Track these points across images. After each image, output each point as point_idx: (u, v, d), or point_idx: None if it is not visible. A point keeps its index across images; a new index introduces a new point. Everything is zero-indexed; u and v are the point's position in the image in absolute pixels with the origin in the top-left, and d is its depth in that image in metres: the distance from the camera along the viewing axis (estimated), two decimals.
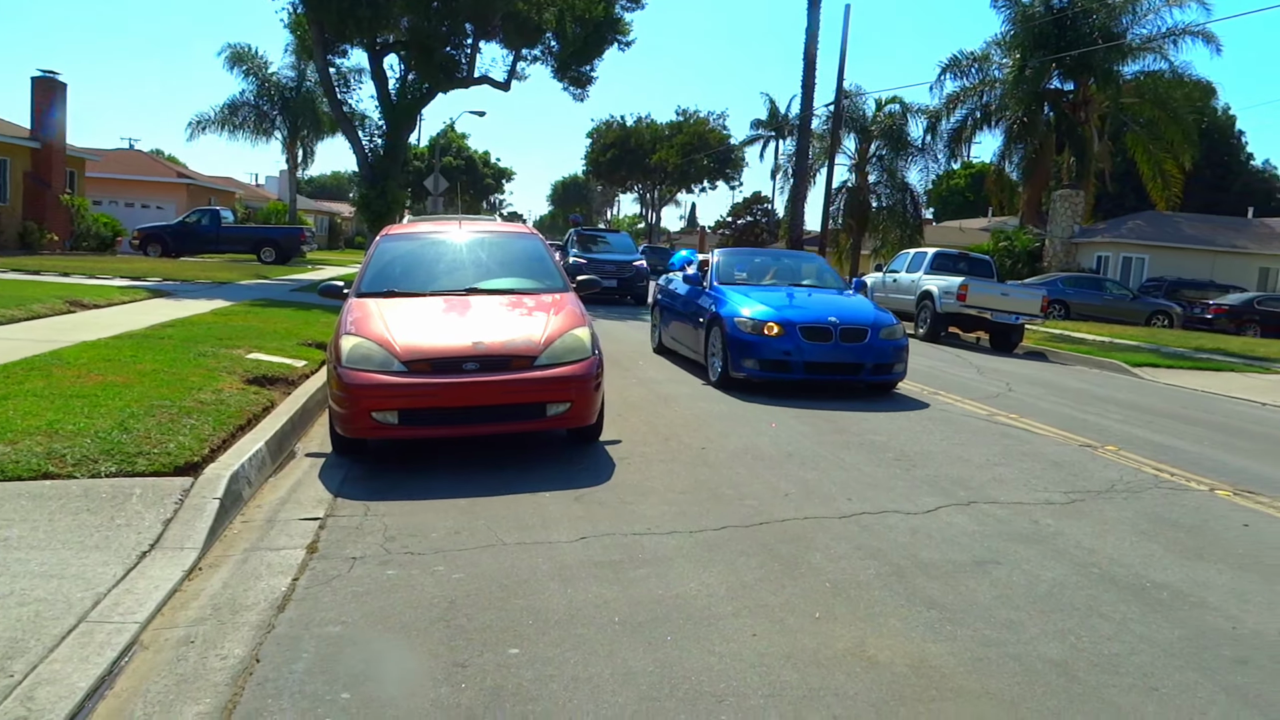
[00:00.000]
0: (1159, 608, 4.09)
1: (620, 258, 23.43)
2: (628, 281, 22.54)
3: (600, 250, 23.94)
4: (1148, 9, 31.58)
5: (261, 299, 16.02)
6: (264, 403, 7.15)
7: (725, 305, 9.90)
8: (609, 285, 21.15)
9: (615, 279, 21.78)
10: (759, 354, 9.27)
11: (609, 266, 22.08)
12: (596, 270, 20.55)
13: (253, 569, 4.21)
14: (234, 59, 43.05)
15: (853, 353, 9.44)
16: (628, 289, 22.59)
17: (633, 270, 22.75)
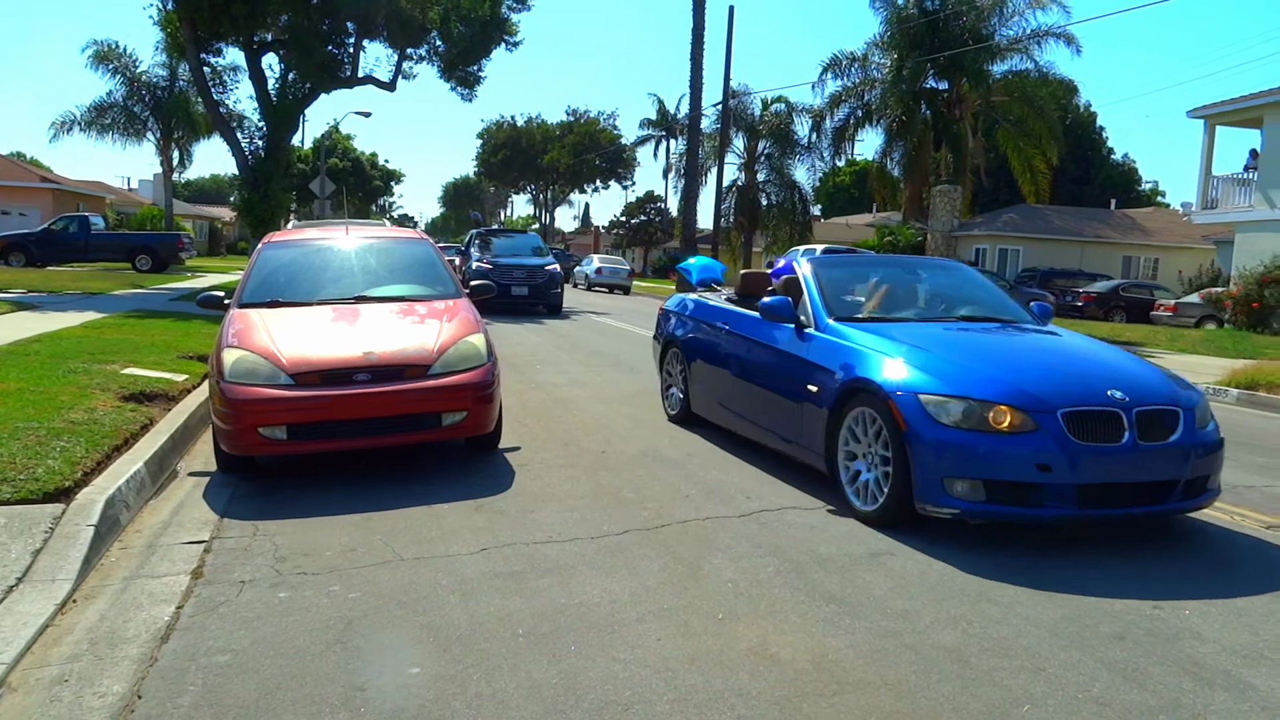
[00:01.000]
0: (1043, 589, 4.26)
1: (531, 261, 20.99)
2: (540, 289, 20.36)
3: (507, 253, 21.40)
4: (1013, 11, 33.05)
5: (138, 310, 15.26)
6: (142, 420, 6.80)
7: (874, 365, 5.39)
8: (519, 294, 19.68)
9: (526, 286, 19.93)
10: (985, 469, 4.79)
11: (518, 272, 20.08)
12: (504, 277, 19.18)
13: (132, 599, 3.99)
14: (100, 57, 40.96)
15: (1159, 460, 4.93)
16: (540, 297, 20.41)
17: (545, 276, 20.51)
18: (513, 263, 20.52)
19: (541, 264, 20.99)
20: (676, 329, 8.30)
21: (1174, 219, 41.36)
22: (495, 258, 20.64)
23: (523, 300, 19.91)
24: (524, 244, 22.83)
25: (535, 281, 20.25)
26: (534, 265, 20.73)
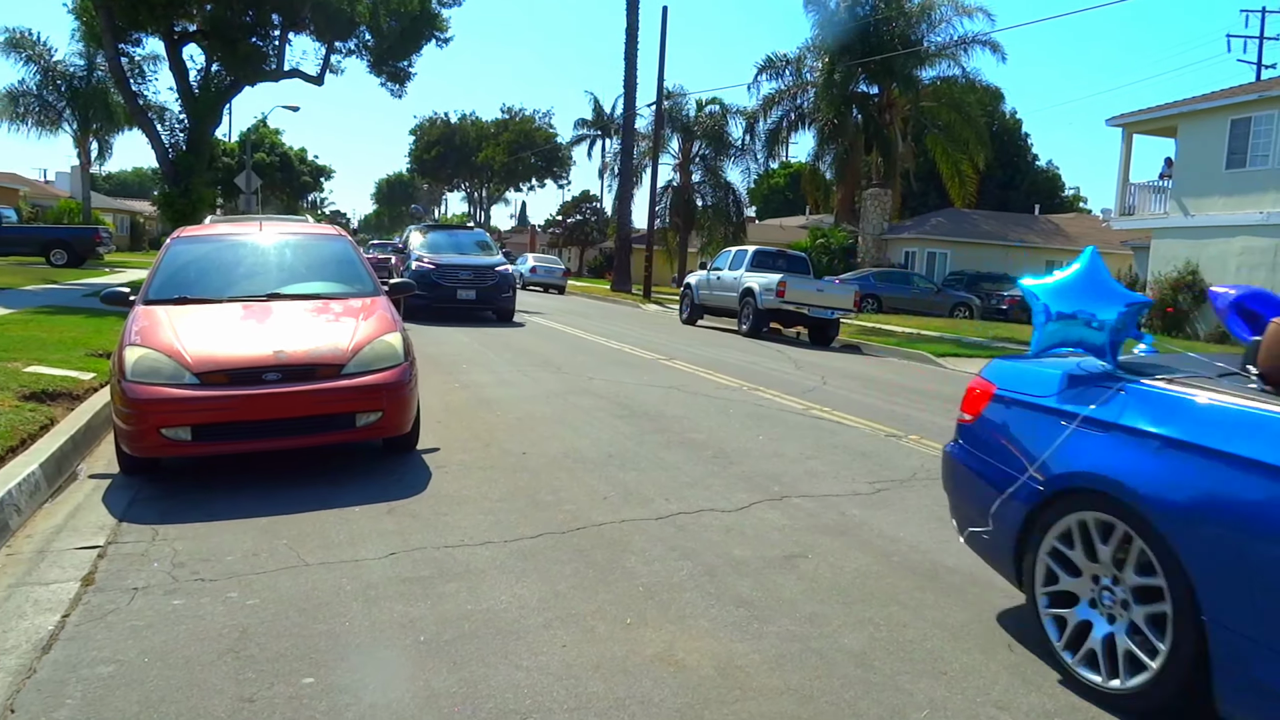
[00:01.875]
0: (950, 591, 4.32)
1: (478, 260, 18.79)
2: (489, 292, 18.16)
3: (451, 251, 19.14)
4: (940, 18, 33.77)
5: (48, 306, 14.69)
6: (42, 420, 6.52)
7: None
8: (466, 297, 17.82)
9: (473, 289, 17.87)
10: None
11: (464, 273, 18.05)
12: (448, 278, 17.66)
13: (15, 608, 3.80)
14: (11, 44, 39.47)
15: None
16: (489, 301, 18.27)
17: (495, 277, 18.28)
18: (458, 262, 18.38)
19: (490, 263, 18.78)
20: (1107, 462, 3.32)
21: (1094, 225, 42.62)
22: (438, 256, 18.52)
23: (469, 305, 18.02)
24: (469, 240, 20.56)
25: (484, 284, 18.12)
26: (482, 265, 18.53)
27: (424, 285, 16.52)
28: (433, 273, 17.69)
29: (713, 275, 21.40)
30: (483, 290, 18.03)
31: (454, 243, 20.00)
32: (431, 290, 17.17)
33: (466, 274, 18.11)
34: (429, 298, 17.03)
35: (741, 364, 13.33)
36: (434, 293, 17.31)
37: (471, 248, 19.74)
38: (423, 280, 16.83)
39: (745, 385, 10.86)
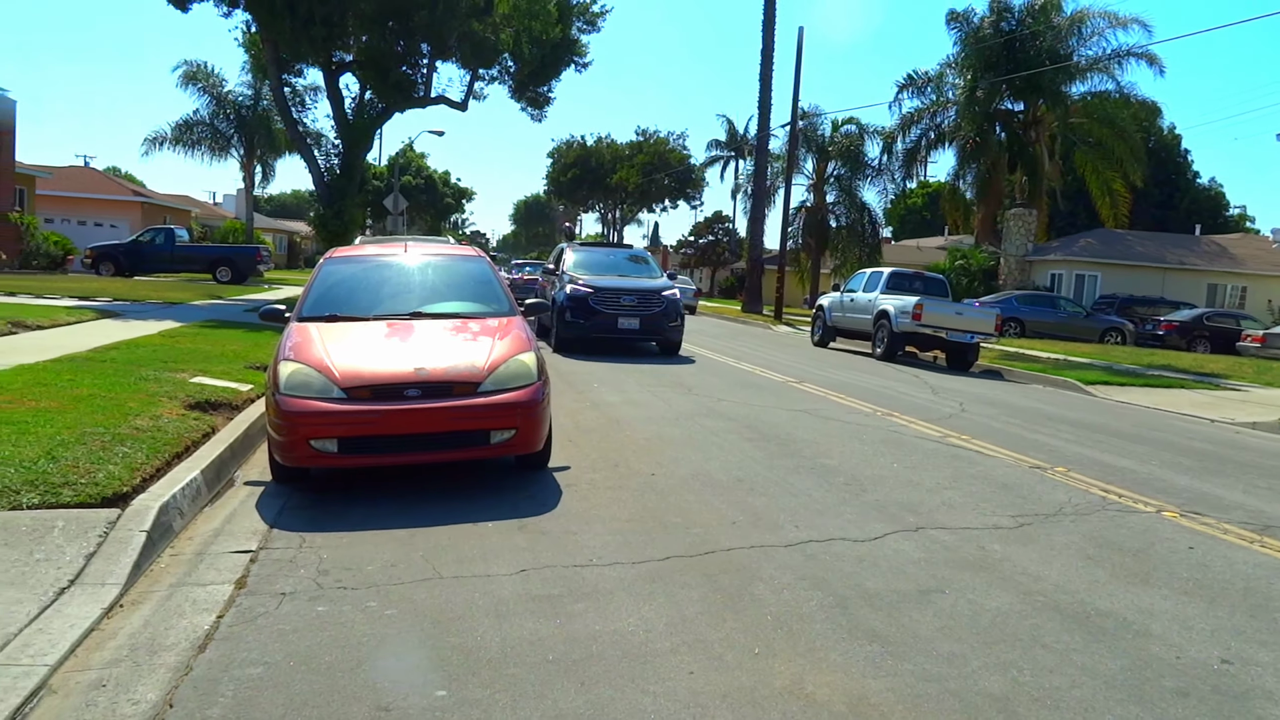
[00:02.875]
0: (1102, 637, 4.06)
1: (641, 284, 16.20)
2: (655, 321, 15.67)
3: (609, 273, 16.69)
4: (1092, 31, 32.32)
5: (213, 320, 15.73)
6: (204, 429, 6.96)
7: None
8: (628, 327, 15.42)
9: (636, 316, 15.47)
10: None
11: (626, 298, 15.58)
12: (608, 304, 15.42)
13: (176, 606, 4.05)
14: (189, 77, 42.61)
15: None
16: (655, 332, 15.83)
17: (662, 304, 15.77)
18: (618, 285, 15.88)
19: (655, 287, 16.14)
20: None
21: (1263, 246, 39.81)
22: (595, 278, 16.07)
23: (631, 336, 15.68)
24: (630, 260, 18.25)
25: (648, 311, 15.63)
26: (646, 289, 15.96)
27: (579, 312, 15.47)
28: (590, 297, 15.50)
29: (846, 297, 21.02)
30: (647, 319, 15.60)
31: (612, 263, 17.57)
32: (588, 317, 15.49)
33: (629, 299, 15.61)
34: (585, 326, 15.52)
35: (875, 388, 13.01)
36: (590, 320, 15.49)
37: (632, 268, 17.51)
38: (578, 306, 15.47)
39: (879, 410, 10.59)
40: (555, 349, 15.34)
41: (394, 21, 23.39)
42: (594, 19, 28.40)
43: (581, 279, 15.96)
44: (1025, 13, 32.88)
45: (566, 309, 15.48)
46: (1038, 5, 32.69)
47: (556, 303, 15.79)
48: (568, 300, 15.55)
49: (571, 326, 15.44)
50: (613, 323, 15.48)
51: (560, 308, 15.57)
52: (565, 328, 15.53)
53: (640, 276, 16.93)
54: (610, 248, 19.48)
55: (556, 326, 15.74)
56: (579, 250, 18.04)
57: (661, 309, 15.72)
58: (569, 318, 15.36)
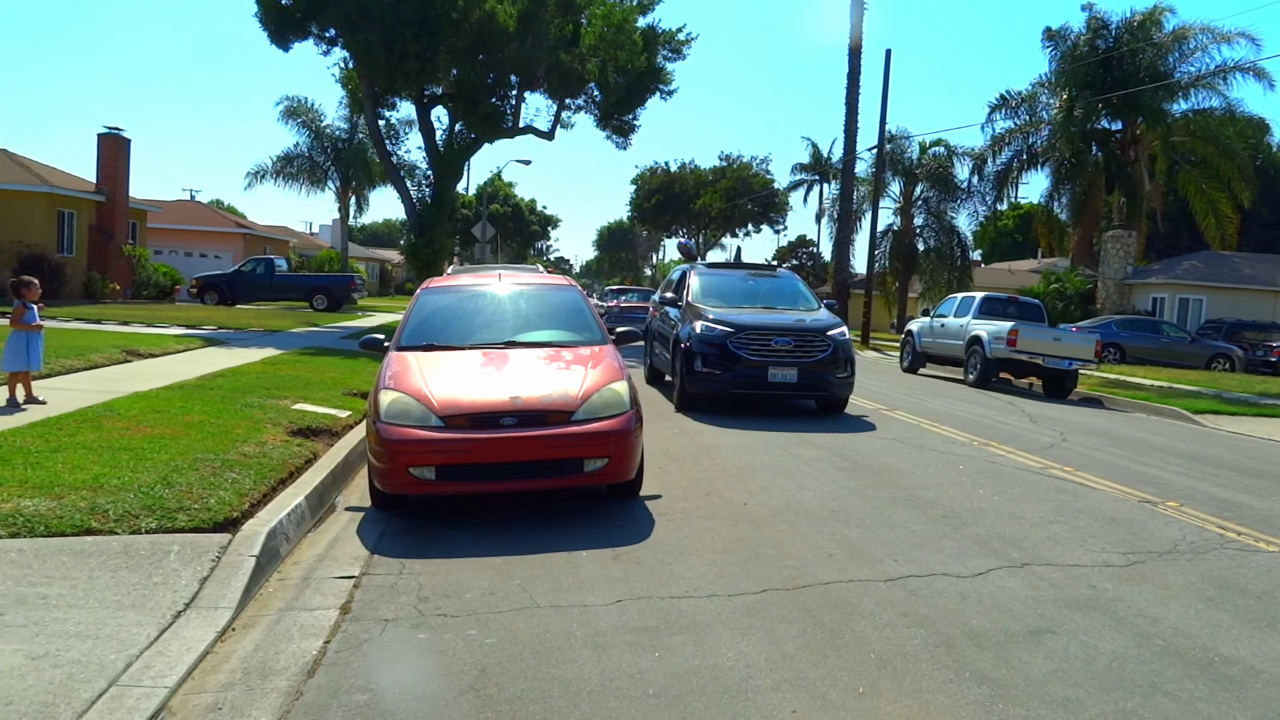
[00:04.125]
0: (1229, 685, 3.85)
1: (797, 320, 12.12)
2: (818, 371, 11.51)
3: (751, 304, 12.74)
4: (1195, 47, 31.25)
5: (311, 347, 16.25)
6: (307, 455, 7.18)
7: None
8: (781, 379, 11.28)
9: (794, 365, 11.35)
10: None
11: (780, 340, 11.40)
12: (758, 348, 11.30)
13: (285, 630, 4.16)
14: (290, 112, 44.43)
15: None
16: (817, 386, 11.71)
17: (826, 346, 11.55)
18: (768, 322, 11.79)
19: (816, 324, 11.94)
20: None
21: None
22: (735, 313, 12.03)
23: (787, 391, 11.54)
24: (777, 287, 13.60)
25: (810, 356, 11.43)
26: (804, 327, 11.78)
27: (716, 359, 11.26)
28: (730, 339, 11.30)
29: (936, 322, 20.59)
30: (809, 368, 11.35)
31: (751, 290, 13.28)
32: (727, 366, 11.25)
33: (783, 341, 11.36)
34: (723, 379, 11.29)
35: (969, 416, 12.68)
36: (731, 370, 11.26)
37: (779, 297, 13.23)
38: (714, 351, 11.28)
39: (974, 440, 10.31)
40: (679, 406, 11.69)
41: (484, 55, 23.98)
42: (679, 47, 28.62)
43: (714, 313, 11.85)
44: (1124, 29, 31.99)
45: (697, 355, 11.32)
46: (1136, 22, 31.78)
47: (680, 346, 11.78)
48: (699, 343, 11.37)
49: (704, 379, 11.33)
50: (761, 374, 11.24)
51: (688, 353, 11.46)
52: (696, 380, 11.36)
53: (792, 308, 12.81)
54: (747, 270, 14.42)
55: (682, 379, 11.58)
56: (707, 274, 13.69)
57: (827, 354, 11.39)
58: (700, 367, 11.31)
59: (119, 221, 30.01)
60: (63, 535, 4.85)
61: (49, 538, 4.82)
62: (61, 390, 9.32)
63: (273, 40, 23.48)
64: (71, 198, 28.38)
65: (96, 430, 7.13)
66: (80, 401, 8.53)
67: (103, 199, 29.42)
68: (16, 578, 4.32)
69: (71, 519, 4.99)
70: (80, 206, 28.87)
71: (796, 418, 11.42)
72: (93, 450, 6.40)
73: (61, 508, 5.12)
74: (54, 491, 5.35)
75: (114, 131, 29.87)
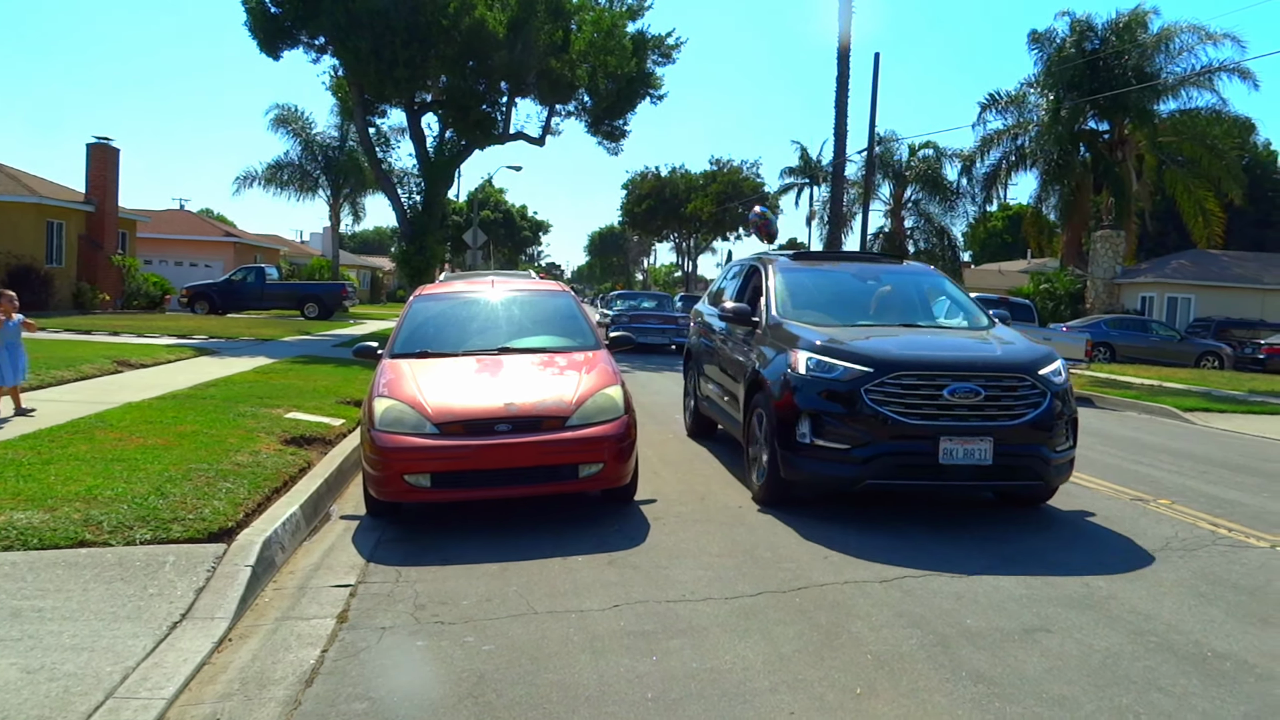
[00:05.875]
0: (1222, 680, 3.87)
1: (972, 349, 6.91)
2: (1028, 440, 6.29)
3: (881, 319, 7.86)
4: (1181, 47, 31.45)
5: (303, 356, 16.21)
6: (300, 464, 7.17)
7: None
8: (964, 461, 6.14)
9: (984, 430, 6.21)
10: None
11: (959, 388, 6.20)
12: (915, 394, 6.22)
13: (282, 640, 4.15)
14: (280, 120, 44.38)
15: None
16: (1023, 467, 6.34)
17: (1040, 396, 6.36)
18: (931, 356, 6.65)
19: (1014, 359, 6.68)
20: None
21: None
22: (860, 335, 7.05)
23: (969, 481, 6.37)
24: (909, 292, 8.50)
25: (1010, 416, 6.31)
26: (995, 364, 6.58)
27: (840, 421, 6.37)
28: (867, 385, 6.32)
29: None
30: (1010, 436, 6.27)
31: (873, 296, 8.28)
32: (861, 436, 6.30)
33: (965, 389, 6.25)
34: (855, 459, 6.29)
35: None
36: (871, 444, 6.26)
37: (916, 307, 8.22)
38: (835, 407, 6.41)
39: None
40: (765, 498, 6.88)
41: (474, 62, 23.98)
42: (668, 52, 28.67)
43: (823, 336, 6.92)
44: (1109, 31, 32.16)
45: (802, 415, 6.48)
46: (1122, 23, 31.96)
47: (764, 394, 7.03)
48: (807, 394, 6.53)
49: (817, 459, 6.41)
50: (926, 450, 6.21)
51: (783, 411, 6.64)
52: (800, 460, 6.50)
53: (950, 329, 7.74)
54: (859, 263, 9.43)
55: (774, 453, 6.67)
56: (796, 270, 8.56)
57: (1040, 411, 6.38)
58: (809, 436, 6.40)
59: (108, 231, 29.90)
60: (56, 548, 4.84)
61: (43, 550, 4.80)
62: (52, 401, 9.29)
63: (262, 49, 23.44)
64: (60, 208, 28.27)
65: (89, 441, 7.10)
66: (71, 413, 8.50)
67: (92, 209, 29.32)
68: (10, 591, 4.31)
69: (65, 531, 4.97)
70: (69, 217, 28.77)
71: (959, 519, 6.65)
72: (85, 461, 6.38)
73: (55, 520, 5.10)
74: (47, 504, 5.33)
75: (103, 141, 29.79)
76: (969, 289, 9.26)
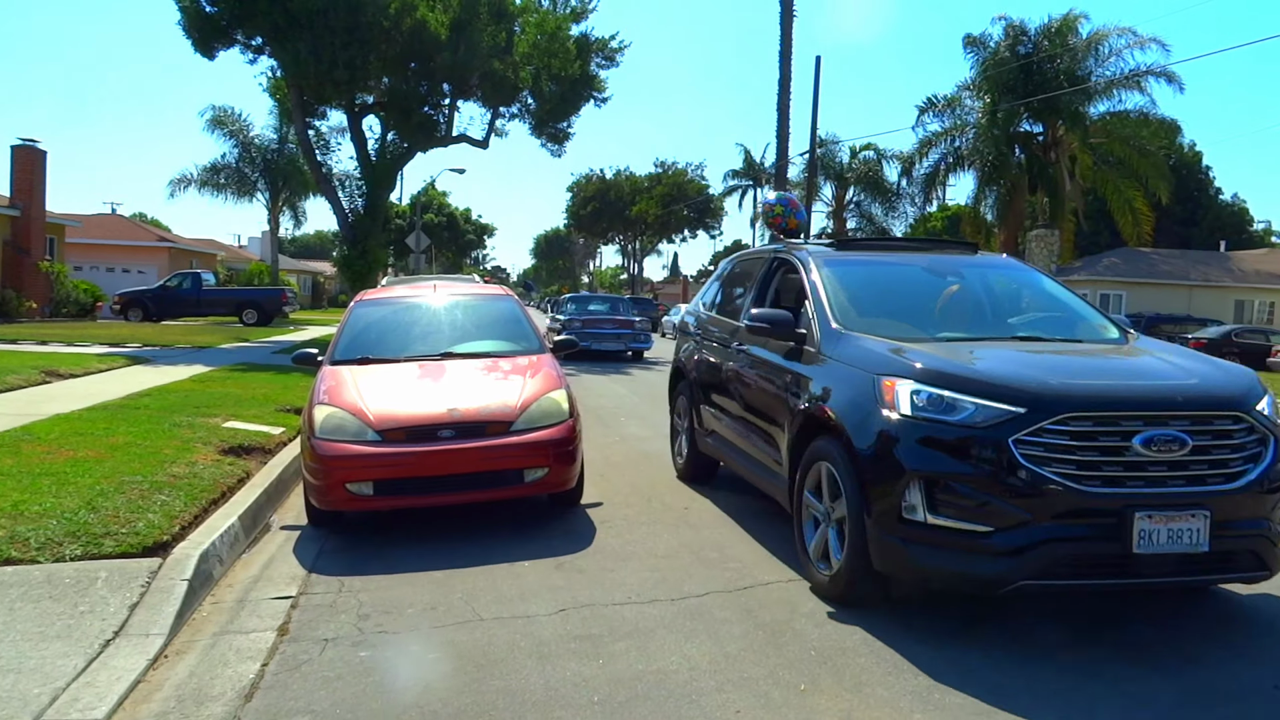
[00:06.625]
0: (1138, 662, 3.99)
1: (1156, 374, 4.71)
2: (1251, 515, 4.15)
3: (977, 329, 5.56)
4: (1109, 51, 32.36)
5: (242, 363, 15.88)
6: (239, 474, 7.02)
7: None
8: (1169, 549, 3.99)
9: (1197, 503, 4.05)
10: None
11: (1155, 437, 4.05)
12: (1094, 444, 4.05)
13: (221, 655, 4.06)
14: (215, 122, 43.50)
15: None
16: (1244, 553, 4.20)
17: (1262, 444, 4.25)
18: (1111, 389, 4.39)
19: (1213, 388, 4.44)
20: None
21: None
22: (979, 354, 4.75)
23: (1170, 578, 4.25)
24: (994, 290, 6.25)
25: (1227, 478, 4.16)
26: (1196, 395, 4.33)
27: (975, 487, 4.10)
28: (1018, 431, 4.07)
29: None
30: (1229, 507, 4.12)
31: (975, 306, 6.03)
32: (1011, 510, 4.04)
33: (1164, 438, 4.07)
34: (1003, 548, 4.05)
35: None
36: (1028, 524, 4.02)
37: (1031, 312, 6.08)
38: (966, 469, 4.12)
39: None
40: (843, 594, 4.66)
41: (416, 63, 23.72)
42: (612, 54, 28.65)
43: (926, 356, 4.67)
44: (1041, 35, 32.98)
45: (913, 479, 4.23)
46: (1054, 28, 32.79)
47: (853, 452, 4.55)
48: (923, 452, 4.28)
49: (948, 549, 4.18)
50: (1116, 533, 4.02)
51: (882, 474, 4.37)
52: (914, 550, 4.24)
53: (1085, 343, 5.50)
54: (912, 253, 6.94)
55: (875, 536, 4.37)
56: (846, 264, 6.21)
57: (1267, 465, 4.26)
58: (925, 511, 4.19)
59: (35, 237, 28.99)
60: None
61: None
62: None
63: (197, 49, 22.89)
64: None
65: (14, 455, 6.87)
66: None
67: (17, 213, 28.39)
68: None
69: None
70: None
71: None
72: (10, 476, 6.16)
73: None
74: None
75: (29, 143, 28.89)
76: None
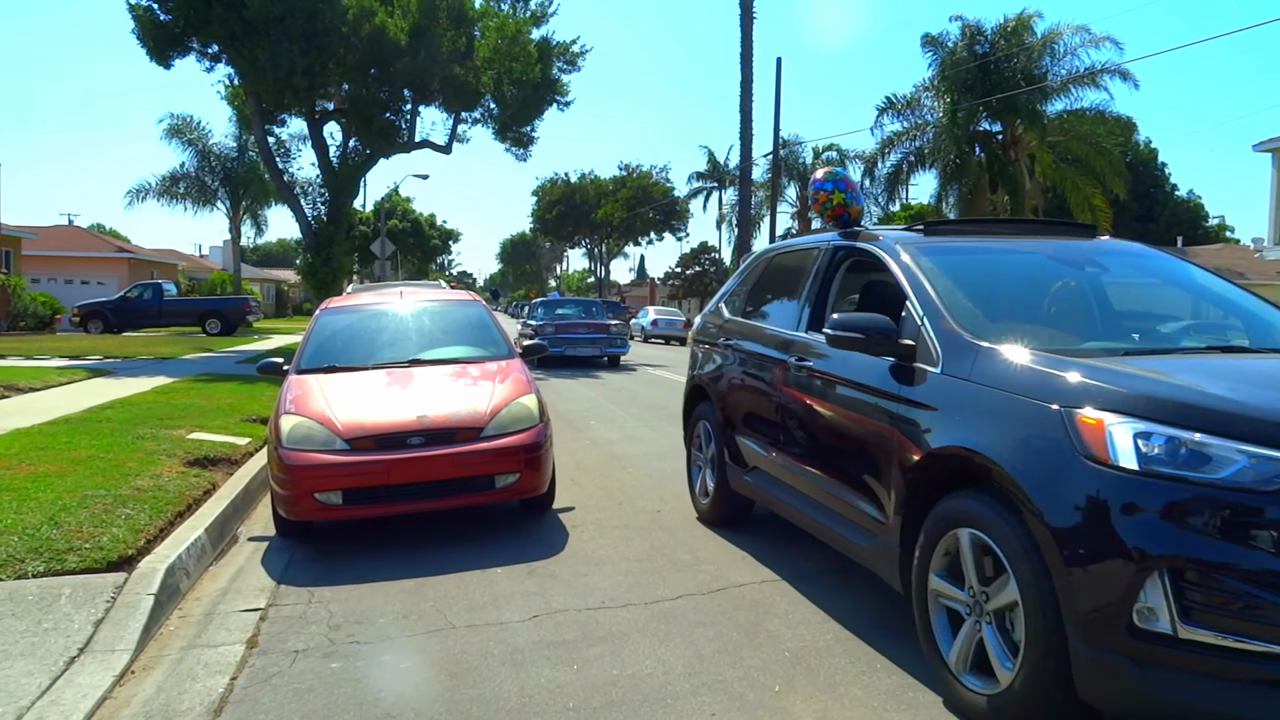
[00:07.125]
0: None
1: None
2: None
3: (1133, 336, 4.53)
4: (1065, 50, 32.81)
5: (206, 374, 15.67)
6: (205, 486, 6.92)
7: None
8: None
9: None
10: None
11: None
12: None
13: (189, 669, 4.01)
14: (173, 131, 42.93)
15: None
16: None
17: None
18: None
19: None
20: None
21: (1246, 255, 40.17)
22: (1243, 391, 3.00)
23: None
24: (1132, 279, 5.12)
25: None
26: None
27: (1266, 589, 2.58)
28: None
29: None
30: None
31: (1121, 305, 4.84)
32: None
33: None
34: None
35: None
36: None
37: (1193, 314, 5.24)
38: (1243, 554, 2.62)
39: None
40: None
41: (376, 69, 23.55)
42: (574, 59, 28.61)
43: (1148, 382, 3.12)
44: (998, 35, 33.37)
45: (1152, 570, 2.72)
46: (1010, 28, 33.20)
47: (1043, 525, 3.00)
48: (1165, 529, 2.74)
49: (1212, 678, 2.64)
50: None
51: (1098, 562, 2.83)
52: (1164, 674, 2.71)
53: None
54: (1024, 238, 5.39)
55: (1090, 654, 2.85)
56: (952, 254, 4.61)
57: None
58: (1177, 623, 2.67)
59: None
60: None
61: None
62: None
63: (152, 57, 22.55)
64: None
65: None
66: None
67: None
68: None
69: None
70: None
71: None
72: None
73: None
74: None
75: None
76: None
